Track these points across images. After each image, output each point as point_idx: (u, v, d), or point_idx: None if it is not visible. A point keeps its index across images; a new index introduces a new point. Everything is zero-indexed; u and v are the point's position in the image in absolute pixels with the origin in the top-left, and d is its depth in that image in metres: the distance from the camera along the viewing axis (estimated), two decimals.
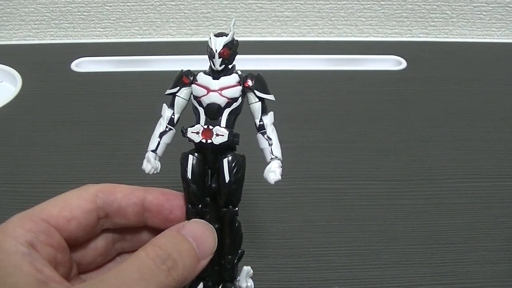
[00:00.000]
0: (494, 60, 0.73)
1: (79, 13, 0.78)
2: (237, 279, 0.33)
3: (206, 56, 0.31)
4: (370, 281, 0.42)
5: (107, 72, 0.70)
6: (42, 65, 0.71)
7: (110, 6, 0.78)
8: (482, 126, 0.59)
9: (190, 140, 0.31)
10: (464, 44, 0.78)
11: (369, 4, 0.78)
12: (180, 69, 0.32)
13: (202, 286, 0.32)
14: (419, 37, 0.81)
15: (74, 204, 0.30)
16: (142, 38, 0.80)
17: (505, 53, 0.75)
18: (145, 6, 0.78)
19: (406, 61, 0.71)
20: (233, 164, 0.30)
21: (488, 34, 0.80)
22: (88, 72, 0.70)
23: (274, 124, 0.31)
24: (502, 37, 0.80)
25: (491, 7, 0.78)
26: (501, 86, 0.67)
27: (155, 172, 0.32)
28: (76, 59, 0.71)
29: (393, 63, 0.72)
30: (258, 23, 0.79)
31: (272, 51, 0.74)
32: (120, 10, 0.78)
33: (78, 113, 0.61)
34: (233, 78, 0.31)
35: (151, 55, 0.72)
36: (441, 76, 0.69)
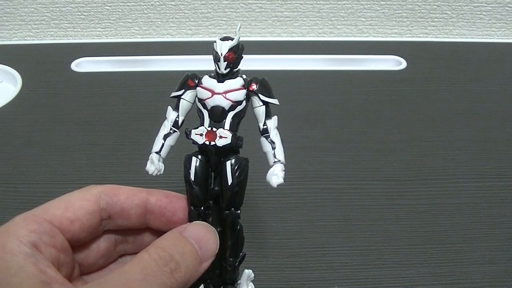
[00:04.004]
0: (494, 60, 0.73)
1: (79, 13, 0.78)
2: (238, 282, 0.34)
3: (206, 56, 0.31)
4: (370, 281, 0.42)
5: (107, 72, 0.70)
6: (42, 65, 0.71)
7: (110, 6, 0.78)
8: (482, 126, 0.59)
9: (194, 142, 0.31)
10: (464, 44, 0.78)
11: (369, 4, 0.78)
12: (180, 69, 0.33)
13: None
14: (419, 37, 0.81)
15: (77, 205, 0.30)
16: (142, 38, 0.80)
17: (505, 53, 0.75)
18: (145, 6, 0.78)
19: (406, 61, 0.71)
20: (236, 167, 0.30)
21: (488, 34, 0.80)
22: (88, 72, 0.70)
23: None
24: (502, 37, 0.81)
25: (491, 7, 0.78)
26: (501, 86, 0.67)
27: (158, 174, 0.32)
28: (76, 59, 0.71)
29: (393, 63, 0.72)
30: (258, 23, 0.79)
31: (272, 51, 0.74)
32: (120, 10, 0.78)
33: (78, 113, 0.61)
34: (238, 82, 0.31)
35: (151, 55, 0.72)
36: (441, 76, 0.69)
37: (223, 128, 0.30)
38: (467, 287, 0.41)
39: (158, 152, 0.32)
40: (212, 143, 0.30)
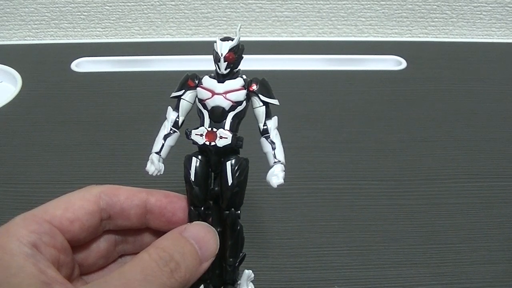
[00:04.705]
0: (494, 60, 0.73)
1: (79, 13, 0.78)
2: (238, 283, 0.34)
3: (206, 56, 0.31)
4: (370, 281, 0.42)
5: (107, 72, 0.70)
6: (42, 65, 0.71)
7: (110, 6, 0.78)
8: (482, 126, 0.59)
9: (194, 142, 0.31)
10: (464, 44, 0.78)
11: (369, 4, 0.78)
12: (180, 69, 0.33)
13: None
14: (419, 37, 0.81)
15: (77, 206, 0.30)
16: (142, 38, 0.80)
17: (505, 53, 0.75)
18: (145, 6, 0.78)
19: (406, 61, 0.71)
20: (236, 167, 0.30)
21: (488, 34, 0.80)
22: (88, 72, 0.70)
23: None
24: (502, 37, 0.81)
25: (491, 7, 0.78)
26: (501, 86, 0.67)
27: (158, 174, 0.32)
28: (76, 59, 0.71)
29: (393, 63, 0.72)
30: (258, 23, 0.79)
31: (272, 51, 0.74)
32: (120, 10, 0.78)
33: (78, 113, 0.61)
34: (238, 82, 0.31)
35: (151, 55, 0.72)
36: (441, 76, 0.69)
37: (223, 129, 0.30)
38: (467, 287, 0.41)
39: (158, 153, 0.32)
40: (212, 143, 0.30)
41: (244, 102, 0.31)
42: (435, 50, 0.75)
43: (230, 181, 0.30)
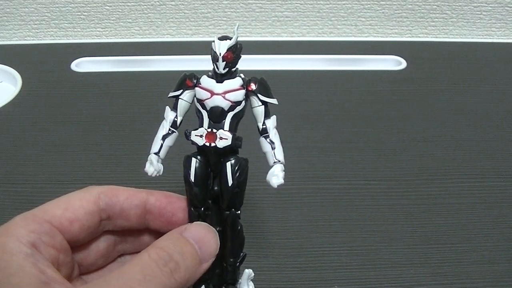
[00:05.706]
0: (494, 60, 0.73)
1: (79, 13, 0.78)
2: (239, 282, 0.34)
3: (206, 56, 0.31)
4: (370, 281, 0.42)
5: (107, 72, 0.70)
6: (42, 65, 0.71)
7: (110, 6, 0.78)
8: (482, 126, 0.59)
9: (194, 143, 0.31)
10: (464, 44, 0.78)
11: (369, 4, 0.78)
12: (180, 69, 0.33)
13: None
14: (419, 37, 0.81)
15: (77, 206, 0.30)
16: (142, 38, 0.80)
17: (505, 53, 0.75)
18: (145, 6, 0.78)
19: (406, 61, 0.71)
20: (236, 168, 0.30)
21: (488, 34, 0.80)
22: (88, 72, 0.70)
23: None
24: (502, 37, 0.81)
25: (491, 7, 0.78)
26: (501, 86, 0.67)
27: (157, 175, 0.32)
28: (76, 59, 0.71)
29: (393, 63, 0.72)
30: (258, 23, 0.79)
31: (272, 51, 0.74)
32: (120, 10, 0.78)
33: (78, 113, 0.61)
34: (237, 82, 0.31)
35: (151, 55, 0.72)
36: (441, 76, 0.69)
37: (223, 129, 0.30)
38: (467, 287, 0.41)
39: (157, 153, 0.32)
40: (212, 144, 0.30)
41: (243, 101, 0.31)
42: (435, 50, 0.75)
43: (230, 181, 0.30)
